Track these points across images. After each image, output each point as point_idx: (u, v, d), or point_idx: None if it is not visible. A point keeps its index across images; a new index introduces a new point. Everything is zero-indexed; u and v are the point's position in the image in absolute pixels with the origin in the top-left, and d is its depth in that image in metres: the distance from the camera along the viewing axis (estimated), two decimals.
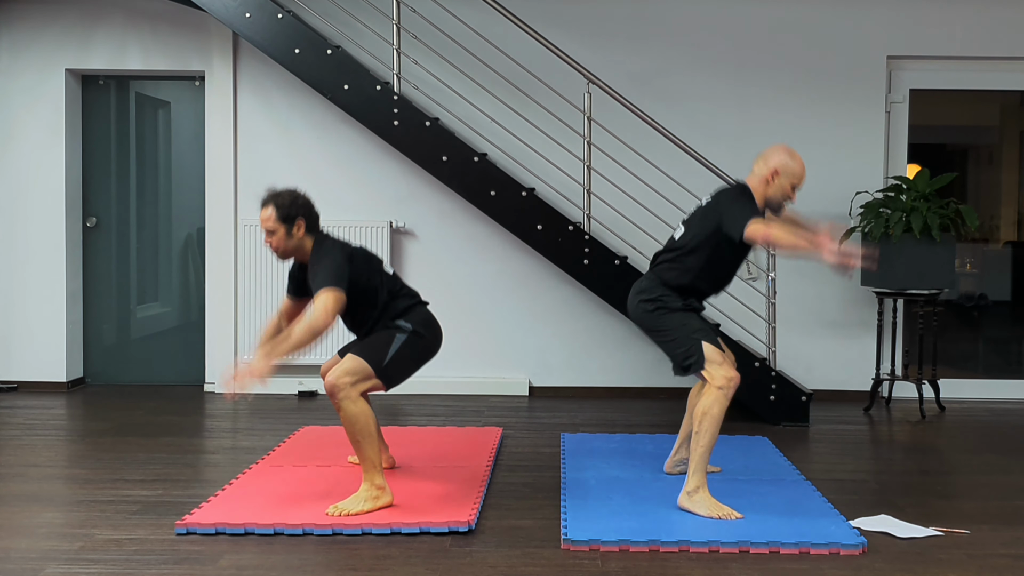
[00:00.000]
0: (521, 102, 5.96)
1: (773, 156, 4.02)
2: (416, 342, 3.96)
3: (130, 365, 6.64)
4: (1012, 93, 6.67)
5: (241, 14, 5.74)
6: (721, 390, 3.79)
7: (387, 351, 3.86)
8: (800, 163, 4.03)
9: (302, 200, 3.88)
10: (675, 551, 3.43)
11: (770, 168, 4.00)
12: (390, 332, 3.93)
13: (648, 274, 4.13)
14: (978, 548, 3.50)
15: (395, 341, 3.90)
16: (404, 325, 3.96)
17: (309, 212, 3.88)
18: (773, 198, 4.02)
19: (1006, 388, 6.47)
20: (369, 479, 3.79)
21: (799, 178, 4.02)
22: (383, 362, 3.84)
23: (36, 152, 6.35)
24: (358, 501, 3.74)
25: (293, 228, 3.84)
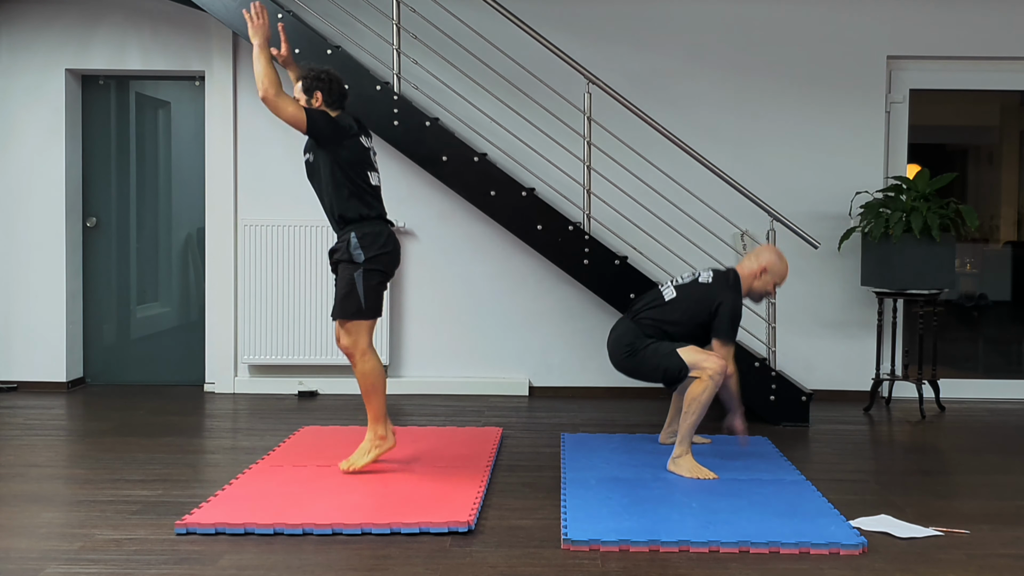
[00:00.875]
0: (521, 102, 5.96)
1: (764, 255, 4.62)
2: (372, 270, 4.25)
3: (130, 365, 6.65)
4: (1012, 93, 6.67)
5: (241, 14, 5.73)
6: (711, 379, 4.30)
7: (358, 295, 4.21)
8: (786, 266, 4.66)
9: (324, 76, 4.27)
10: (675, 551, 3.43)
11: (760, 265, 4.61)
12: (347, 273, 4.23)
13: (628, 324, 4.61)
14: (978, 548, 3.50)
15: (357, 282, 4.22)
16: (356, 253, 4.22)
17: (328, 88, 4.27)
18: (756, 291, 4.64)
19: (1006, 388, 6.47)
20: (373, 429, 4.29)
21: (782, 279, 4.66)
22: (362, 306, 4.23)
23: (36, 152, 6.35)
24: (363, 453, 4.28)
25: (312, 100, 4.27)
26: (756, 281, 4.61)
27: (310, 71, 4.31)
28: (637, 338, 4.53)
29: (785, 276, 4.67)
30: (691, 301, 4.54)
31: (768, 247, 4.69)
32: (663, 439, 4.94)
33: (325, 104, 4.27)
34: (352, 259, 4.23)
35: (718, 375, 4.31)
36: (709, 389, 4.30)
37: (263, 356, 6.28)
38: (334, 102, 4.30)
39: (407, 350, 6.38)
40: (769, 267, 4.59)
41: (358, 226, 4.25)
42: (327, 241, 6.23)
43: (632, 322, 4.60)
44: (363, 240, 4.23)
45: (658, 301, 4.60)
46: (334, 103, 4.30)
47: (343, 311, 4.23)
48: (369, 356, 4.25)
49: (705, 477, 4.28)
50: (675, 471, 4.34)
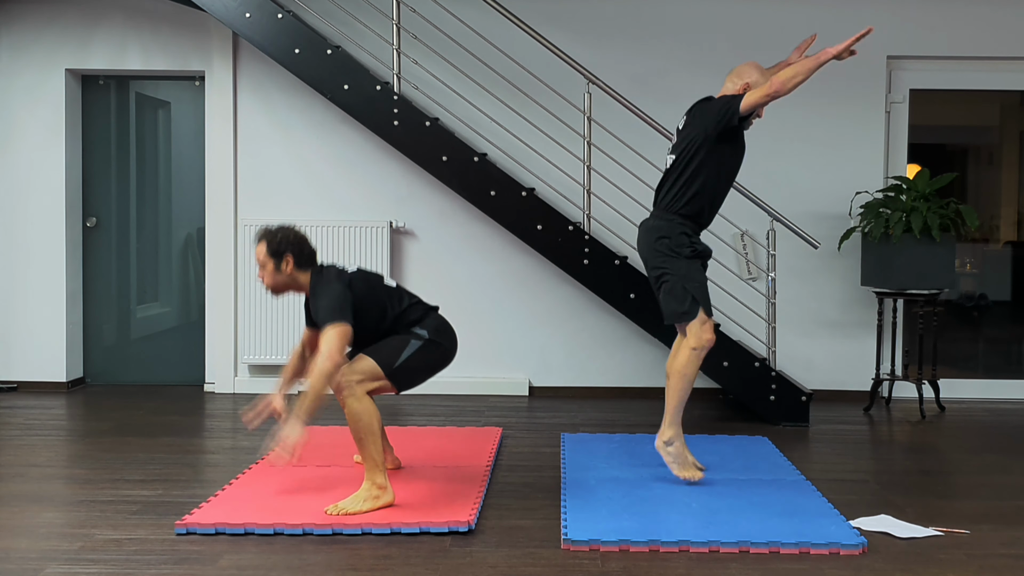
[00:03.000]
0: (521, 102, 5.96)
1: (745, 72, 4.18)
2: (431, 349, 3.97)
3: (130, 365, 6.65)
4: (1012, 93, 6.67)
5: (241, 14, 5.74)
6: (695, 350, 4.10)
7: (400, 355, 3.88)
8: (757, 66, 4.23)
9: (292, 236, 3.88)
10: (675, 551, 3.43)
11: (743, 82, 4.15)
12: (405, 338, 3.95)
13: (655, 213, 4.24)
14: (978, 548, 3.50)
15: (409, 346, 3.91)
16: (420, 332, 3.97)
17: (300, 248, 3.88)
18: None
19: (1006, 388, 6.47)
20: (371, 478, 3.79)
21: None
22: (394, 365, 3.87)
23: (36, 152, 6.35)
24: (358, 501, 3.75)
25: (282, 263, 3.86)
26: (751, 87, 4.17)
27: (272, 234, 3.88)
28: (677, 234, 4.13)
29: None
30: (685, 143, 4.15)
31: (748, 63, 4.25)
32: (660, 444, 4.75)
33: (296, 266, 3.86)
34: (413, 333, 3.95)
35: (701, 349, 4.10)
36: (692, 361, 4.11)
37: (263, 356, 6.28)
38: (305, 262, 3.89)
39: None
40: (753, 84, 4.14)
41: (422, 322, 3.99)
42: (327, 241, 6.23)
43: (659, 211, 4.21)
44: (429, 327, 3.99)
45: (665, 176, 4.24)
46: (305, 263, 3.89)
47: (374, 351, 3.87)
48: (362, 396, 3.79)
49: (690, 478, 4.13)
50: (663, 456, 4.19)
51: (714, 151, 4.12)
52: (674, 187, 4.17)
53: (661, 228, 4.18)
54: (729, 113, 4.03)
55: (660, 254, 4.16)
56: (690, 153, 4.13)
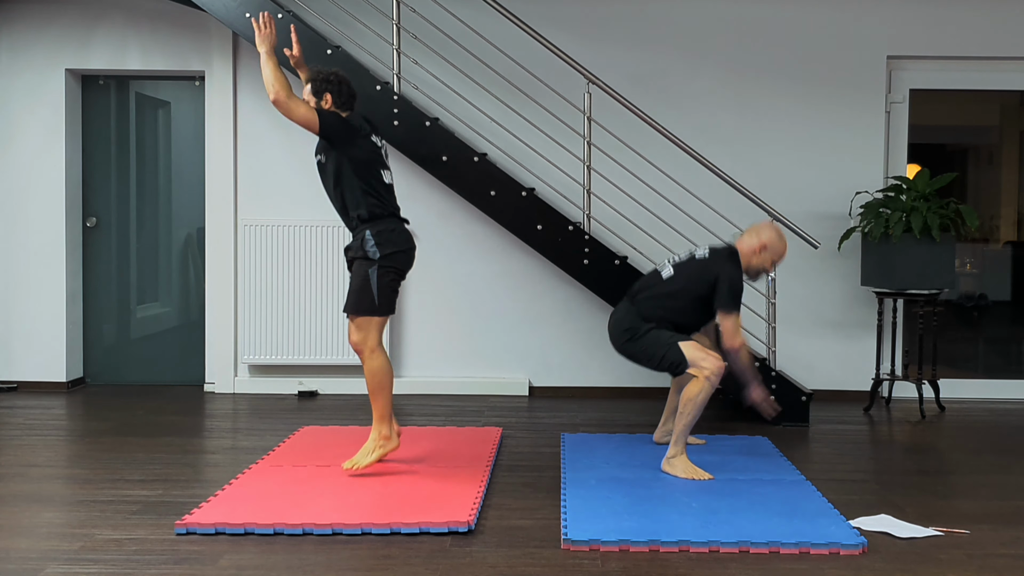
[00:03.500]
0: (521, 102, 5.96)
1: (764, 232, 4.55)
2: (387, 267, 4.27)
3: (130, 365, 6.65)
4: (1012, 93, 6.67)
5: (241, 14, 5.73)
6: (708, 380, 4.30)
7: (371, 292, 4.24)
8: (785, 244, 4.58)
9: (333, 78, 4.29)
10: (675, 551, 3.43)
11: (760, 242, 4.53)
12: (361, 269, 4.25)
13: (627, 306, 4.59)
14: (978, 548, 3.51)
15: (371, 279, 4.25)
16: (372, 250, 4.23)
17: (338, 89, 4.29)
18: (754, 268, 4.56)
19: (1006, 388, 6.47)
20: (377, 428, 4.29)
21: (781, 256, 4.59)
22: (375, 302, 4.25)
23: (36, 152, 6.35)
24: (366, 452, 4.27)
25: (321, 102, 4.28)
26: (755, 257, 4.53)
27: (319, 73, 4.32)
28: (636, 322, 4.50)
29: (784, 254, 4.59)
30: (689, 277, 4.50)
31: (768, 224, 4.64)
32: (657, 438, 4.95)
33: (335, 106, 4.28)
34: (367, 256, 4.25)
35: (715, 376, 4.29)
36: (705, 390, 4.29)
37: (263, 356, 6.28)
38: (344, 103, 4.31)
39: (407, 350, 6.37)
40: (769, 244, 4.52)
41: (373, 224, 4.26)
42: (327, 241, 6.23)
43: (631, 304, 4.57)
44: (378, 237, 4.25)
45: (655, 280, 4.59)
46: (344, 104, 4.31)
47: (356, 307, 4.26)
48: (378, 354, 4.27)
49: (700, 478, 4.27)
50: (669, 471, 4.34)
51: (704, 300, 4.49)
52: (658, 300, 4.52)
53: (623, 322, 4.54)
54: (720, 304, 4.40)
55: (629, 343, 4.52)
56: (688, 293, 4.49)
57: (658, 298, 4.51)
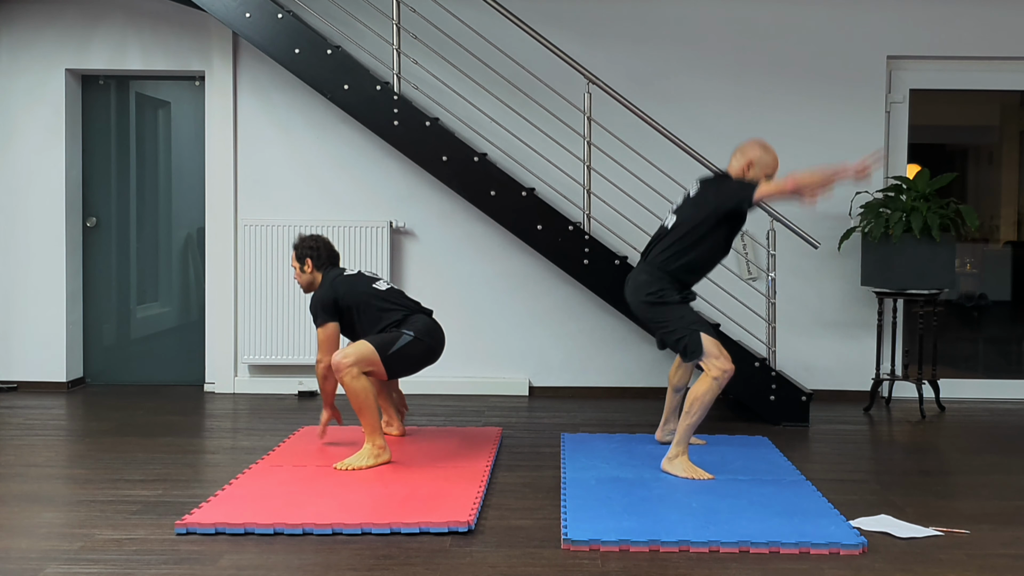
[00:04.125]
0: (521, 102, 5.96)
1: (749, 150, 4.43)
2: (418, 345, 4.52)
3: (130, 365, 6.65)
4: (1012, 93, 6.67)
5: (241, 14, 5.74)
6: (715, 380, 4.24)
7: (395, 344, 4.45)
8: (773, 155, 4.43)
9: (310, 243, 4.69)
10: (675, 551, 3.43)
11: (746, 159, 4.41)
12: (396, 333, 4.51)
13: (643, 266, 4.47)
14: (978, 548, 3.50)
15: (400, 339, 4.47)
16: (407, 332, 4.51)
17: (317, 253, 4.67)
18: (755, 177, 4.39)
19: (1006, 388, 6.47)
20: (371, 440, 4.39)
21: (772, 168, 4.42)
22: (390, 351, 4.42)
23: (36, 152, 6.35)
24: (362, 457, 4.35)
25: (304, 266, 4.69)
26: (746, 176, 4.41)
27: (301, 240, 4.71)
28: (660, 281, 4.37)
29: (774, 166, 4.44)
30: (692, 214, 4.37)
31: (752, 141, 4.48)
32: (659, 437, 4.93)
33: (315, 268, 4.66)
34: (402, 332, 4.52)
35: (723, 377, 4.24)
36: (712, 390, 4.25)
37: (263, 356, 6.28)
38: (323, 264, 4.67)
39: None
40: (755, 159, 4.39)
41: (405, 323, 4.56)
42: None
43: (646, 264, 4.44)
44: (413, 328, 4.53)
45: (662, 232, 4.46)
46: (323, 264, 4.68)
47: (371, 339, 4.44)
48: (358, 375, 4.35)
49: (700, 478, 4.25)
50: (670, 471, 4.32)
51: (717, 227, 4.37)
52: (670, 248, 4.39)
53: (647, 284, 4.40)
54: (742, 200, 4.30)
55: (650, 307, 4.40)
56: (694, 223, 4.36)
57: (671, 246, 4.37)
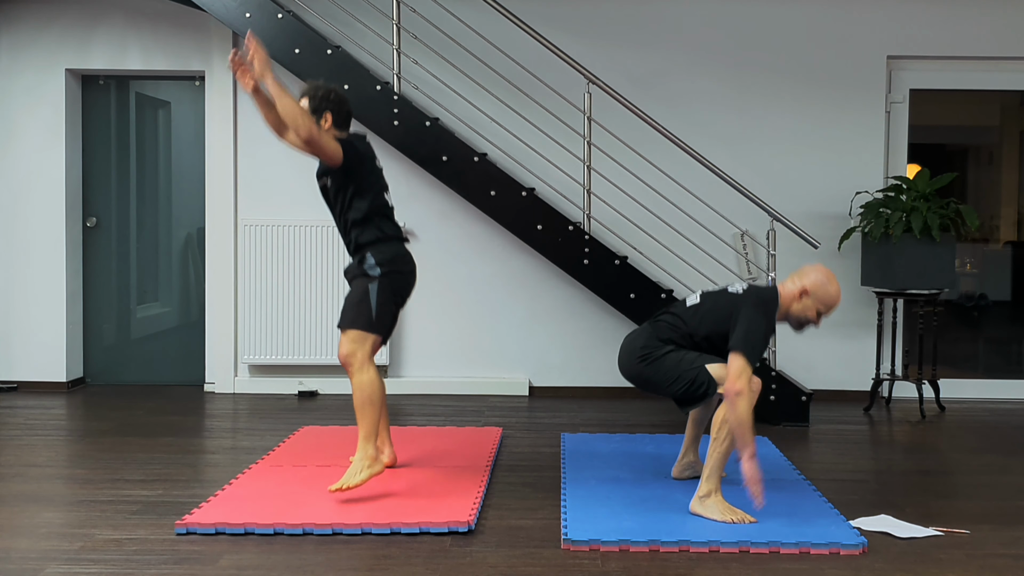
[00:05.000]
0: (521, 102, 5.96)
1: (809, 275, 3.88)
2: (387, 284, 4.09)
3: (130, 365, 6.65)
4: (1012, 93, 6.67)
5: (241, 14, 5.74)
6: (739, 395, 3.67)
7: (370, 307, 4.04)
8: (837, 291, 3.86)
9: (333, 95, 4.06)
10: (675, 551, 3.43)
11: (802, 286, 3.86)
12: (361, 284, 4.08)
13: (646, 328, 4.03)
14: (978, 548, 3.50)
15: (370, 293, 4.05)
16: (372, 268, 4.08)
17: (338, 109, 4.07)
18: (794, 316, 3.90)
19: (1006, 388, 6.47)
20: (363, 448, 3.97)
21: (829, 307, 3.87)
22: (372, 318, 4.04)
23: (36, 152, 6.35)
24: (353, 474, 3.91)
25: (320, 120, 4.03)
26: (795, 304, 3.87)
27: (316, 88, 4.08)
28: (653, 342, 3.95)
29: (832, 304, 3.88)
30: (713, 308, 3.91)
31: (818, 267, 3.92)
32: (676, 473, 4.27)
33: (334, 125, 4.08)
34: (367, 273, 4.09)
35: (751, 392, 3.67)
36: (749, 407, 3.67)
37: (263, 356, 6.28)
38: (342, 123, 4.12)
39: (407, 350, 6.37)
40: (812, 289, 3.84)
41: (375, 247, 4.10)
42: (327, 241, 6.23)
43: (649, 326, 4.04)
44: (379, 257, 4.09)
45: (679, 307, 4.04)
46: (342, 124, 4.12)
47: (352, 320, 4.03)
48: (368, 367, 4.01)
49: (742, 521, 3.65)
50: (702, 513, 3.72)
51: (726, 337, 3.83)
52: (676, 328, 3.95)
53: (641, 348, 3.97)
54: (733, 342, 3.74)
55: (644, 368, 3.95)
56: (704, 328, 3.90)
57: (675, 324, 3.96)
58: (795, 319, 3.91)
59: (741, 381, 3.63)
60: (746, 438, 3.62)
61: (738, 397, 3.62)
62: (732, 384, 3.64)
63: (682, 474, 4.26)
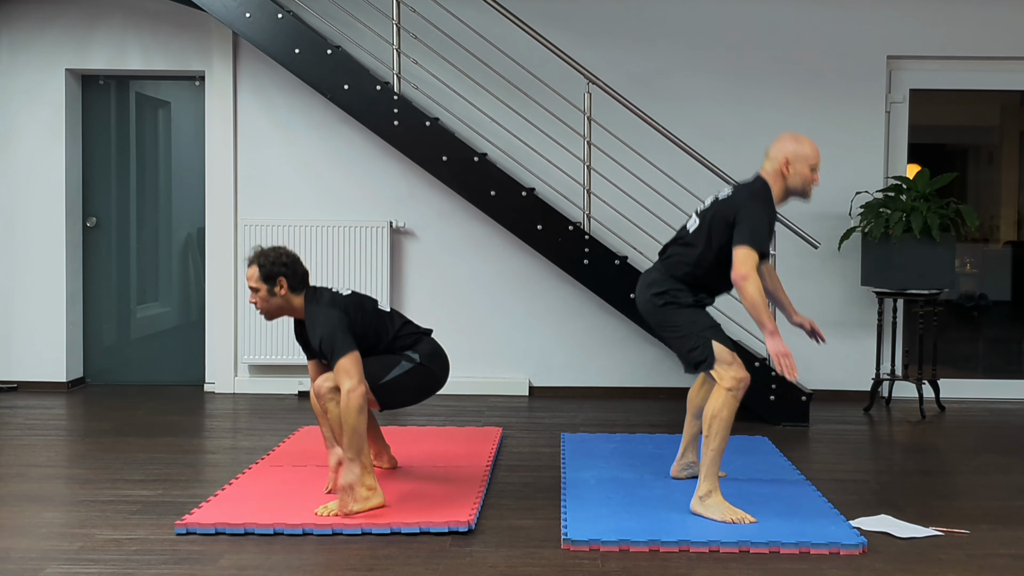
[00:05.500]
0: (521, 102, 5.96)
1: (782, 146, 3.89)
2: (420, 372, 3.98)
3: (130, 365, 6.64)
4: (1012, 93, 6.67)
5: (241, 14, 5.74)
6: (730, 391, 3.72)
7: (388, 372, 3.90)
8: (810, 144, 3.89)
9: (285, 258, 3.85)
10: (675, 551, 3.43)
11: (784, 158, 3.87)
12: (397, 358, 3.96)
13: (658, 265, 4.01)
14: (978, 548, 3.50)
15: (399, 367, 3.93)
16: (412, 356, 3.98)
17: (293, 271, 3.85)
18: (794, 187, 3.89)
19: (1006, 388, 6.47)
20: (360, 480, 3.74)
21: (814, 159, 3.87)
22: (380, 381, 3.86)
23: (36, 152, 6.35)
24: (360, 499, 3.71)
25: (275, 287, 3.84)
26: (787, 179, 3.87)
27: (263, 256, 3.85)
28: (668, 282, 3.88)
29: (816, 156, 3.88)
30: (711, 224, 3.84)
31: (781, 137, 3.93)
32: (675, 472, 4.27)
33: (288, 289, 3.84)
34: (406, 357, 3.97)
35: (739, 387, 3.73)
36: (729, 404, 3.72)
37: (263, 356, 6.28)
38: (298, 284, 3.87)
39: None
40: (792, 157, 3.84)
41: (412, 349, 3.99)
42: (326, 241, 6.23)
43: (662, 264, 3.97)
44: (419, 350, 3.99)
45: (682, 233, 3.96)
46: (298, 286, 3.87)
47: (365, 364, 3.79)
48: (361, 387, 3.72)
49: (742, 520, 3.65)
50: (703, 513, 3.72)
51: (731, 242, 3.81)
52: (686, 256, 3.91)
53: (657, 283, 3.94)
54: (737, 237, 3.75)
55: (658, 308, 3.91)
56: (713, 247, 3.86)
57: (683, 253, 3.90)
58: (797, 190, 3.91)
59: (746, 266, 3.67)
60: (762, 318, 3.67)
61: (744, 281, 3.66)
62: (737, 271, 3.68)
63: (681, 473, 4.25)
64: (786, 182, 3.89)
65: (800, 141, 3.89)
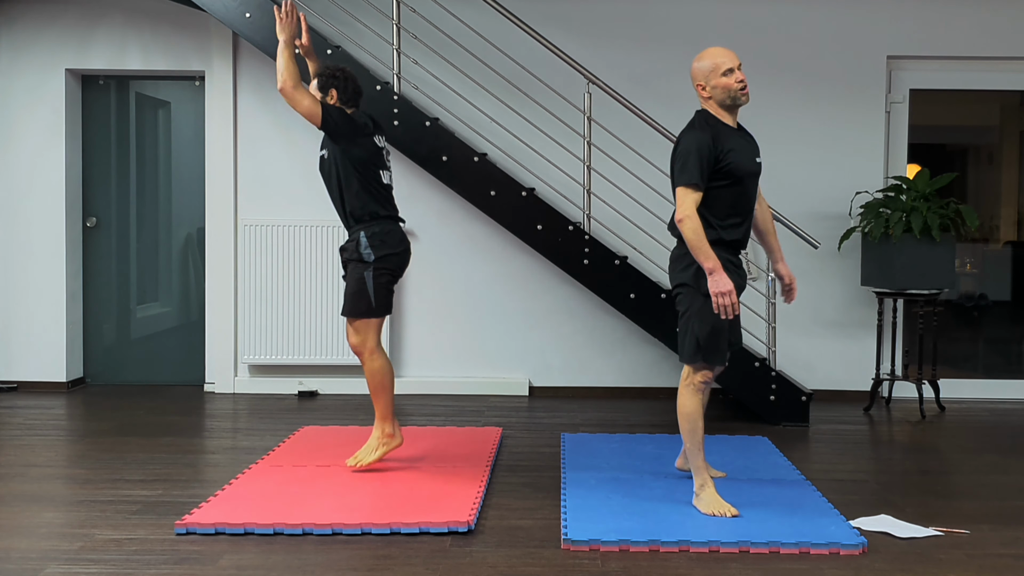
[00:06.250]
0: (521, 102, 5.96)
1: (691, 75, 3.86)
2: (382, 269, 4.30)
3: (130, 365, 6.65)
4: (1012, 93, 6.67)
5: (241, 14, 5.74)
6: (689, 388, 3.85)
7: (368, 295, 4.27)
8: (711, 53, 3.82)
9: (339, 74, 4.34)
10: (675, 551, 3.43)
11: (696, 85, 3.85)
12: (357, 272, 4.28)
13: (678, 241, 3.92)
14: (978, 548, 3.51)
15: (367, 282, 4.27)
16: (366, 253, 4.26)
17: (344, 86, 4.34)
18: (723, 101, 3.83)
19: (1006, 388, 6.47)
20: (380, 427, 4.34)
21: (722, 63, 3.79)
22: (372, 305, 4.28)
23: (36, 152, 6.35)
24: (370, 450, 4.33)
25: (327, 97, 4.33)
26: (713, 97, 3.83)
27: (326, 68, 4.39)
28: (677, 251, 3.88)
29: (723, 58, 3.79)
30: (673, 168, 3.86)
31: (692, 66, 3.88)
32: (680, 464, 4.36)
33: (340, 102, 4.34)
34: (362, 258, 4.28)
35: (699, 383, 3.83)
36: (685, 396, 3.84)
37: (263, 356, 6.28)
38: (348, 100, 4.36)
39: (407, 350, 6.37)
40: (698, 75, 3.82)
41: (368, 225, 4.30)
42: (326, 241, 6.23)
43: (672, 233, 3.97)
44: (372, 239, 4.28)
45: None
46: (349, 101, 4.36)
47: (353, 310, 4.29)
48: (378, 355, 4.31)
49: (723, 514, 3.73)
50: (697, 507, 3.83)
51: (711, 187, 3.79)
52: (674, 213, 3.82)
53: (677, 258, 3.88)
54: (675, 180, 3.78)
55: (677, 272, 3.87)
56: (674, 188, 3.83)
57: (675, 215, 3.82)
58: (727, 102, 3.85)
59: (683, 209, 3.69)
60: (699, 256, 3.68)
61: (680, 223, 3.70)
62: (678, 215, 3.72)
63: (684, 465, 4.33)
64: (714, 101, 3.85)
65: (701, 57, 3.84)
